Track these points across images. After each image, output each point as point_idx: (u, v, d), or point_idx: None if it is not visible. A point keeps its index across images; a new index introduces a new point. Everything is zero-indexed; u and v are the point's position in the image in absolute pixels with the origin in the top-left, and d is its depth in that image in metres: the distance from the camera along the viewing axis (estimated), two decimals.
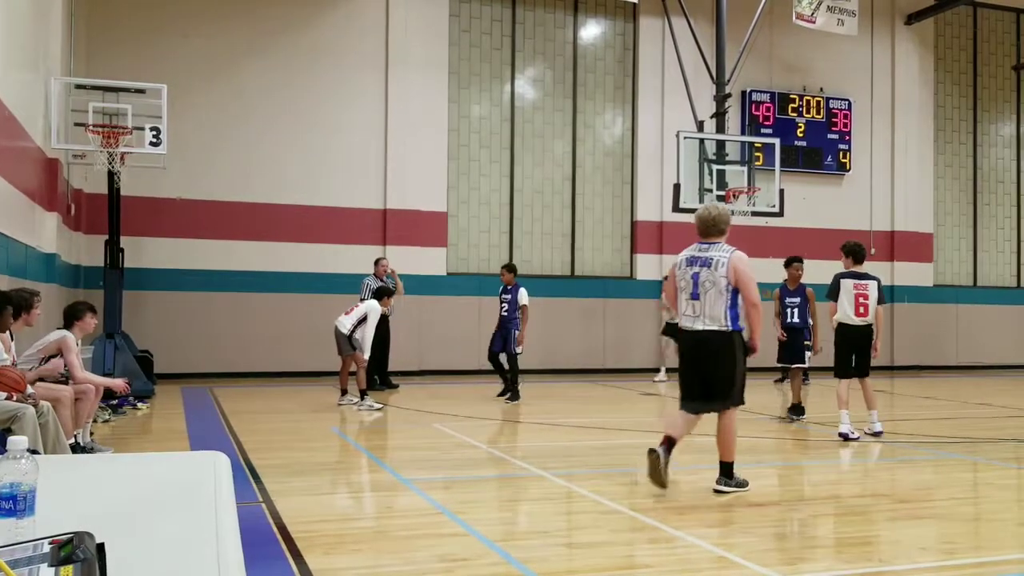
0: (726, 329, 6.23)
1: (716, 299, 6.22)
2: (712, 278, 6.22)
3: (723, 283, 6.19)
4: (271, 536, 5.03)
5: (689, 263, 6.40)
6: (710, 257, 6.29)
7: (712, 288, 6.21)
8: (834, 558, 4.84)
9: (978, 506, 6.44)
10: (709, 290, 6.22)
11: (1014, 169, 22.28)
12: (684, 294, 6.39)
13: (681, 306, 6.43)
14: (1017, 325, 21.48)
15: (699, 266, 6.31)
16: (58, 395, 6.84)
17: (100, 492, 2.02)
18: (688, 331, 6.39)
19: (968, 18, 21.84)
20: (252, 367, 15.79)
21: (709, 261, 6.28)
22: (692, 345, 6.40)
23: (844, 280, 9.12)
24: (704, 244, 6.43)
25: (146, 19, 15.58)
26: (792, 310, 11.14)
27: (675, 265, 6.56)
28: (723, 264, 6.22)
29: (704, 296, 6.23)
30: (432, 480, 6.84)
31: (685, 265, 6.42)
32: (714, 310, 6.23)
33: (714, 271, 6.23)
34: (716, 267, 6.23)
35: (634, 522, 5.54)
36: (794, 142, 19.42)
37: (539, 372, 16.62)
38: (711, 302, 6.23)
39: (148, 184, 14.60)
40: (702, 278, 6.25)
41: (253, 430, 9.43)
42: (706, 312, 6.26)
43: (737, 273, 6.19)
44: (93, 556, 1.38)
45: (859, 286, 9.00)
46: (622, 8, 18.67)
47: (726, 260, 6.23)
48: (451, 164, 17.60)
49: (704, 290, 6.23)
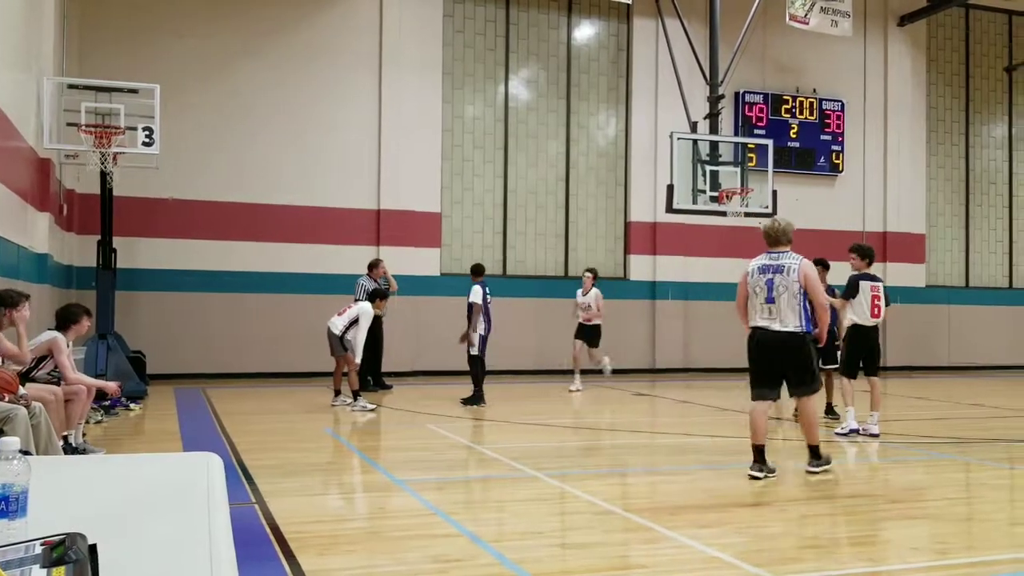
0: (800, 330, 6.91)
1: (790, 302, 6.90)
2: (786, 283, 6.91)
3: (796, 287, 6.89)
4: (264, 537, 5.02)
5: (762, 271, 7.07)
6: (782, 264, 6.97)
7: (786, 292, 6.90)
8: (827, 558, 4.85)
9: (970, 506, 6.46)
10: (783, 294, 6.91)
11: (1006, 170, 22.37)
12: (758, 299, 7.04)
13: (756, 309, 7.07)
14: (1009, 326, 21.56)
15: (772, 273, 6.98)
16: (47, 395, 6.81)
17: (92, 493, 2.02)
18: (765, 331, 7.00)
19: (960, 20, 21.92)
20: (245, 368, 15.77)
21: (782, 268, 6.96)
22: (769, 344, 7.00)
23: (862, 282, 9.27)
24: (774, 253, 7.10)
25: (139, 19, 15.54)
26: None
27: (747, 273, 7.19)
28: (795, 270, 6.90)
29: (779, 300, 6.92)
30: (425, 481, 6.84)
31: (758, 273, 7.09)
32: (790, 313, 6.91)
33: (787, 276, 6.91)
34: (789, 273, 6.91)
35: (627, 522, 5.55)
36: (787, 143, 19.47)
37: (532, 373, 16.63)
38: (785, 305, 6.91)
39: (141, 184, 14.56)
40: (776, 283, 6.94)
41: (246, 431, 9.41)
42: (782, 314, 6.93)
43: (807, 278, 6.89)
44: (85, 557, 1.38)
45: (874, 288, 9.23)
46: (616, 9, 18.69)
47: (797, 267, 6.92)
48: (445, 164, 17.60)
49: (778, 294, 6.92)
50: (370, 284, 13.56)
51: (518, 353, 17.09)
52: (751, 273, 7.15)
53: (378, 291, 12.46)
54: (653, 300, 18.68)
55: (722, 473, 7.56)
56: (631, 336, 18.52)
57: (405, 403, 12.46)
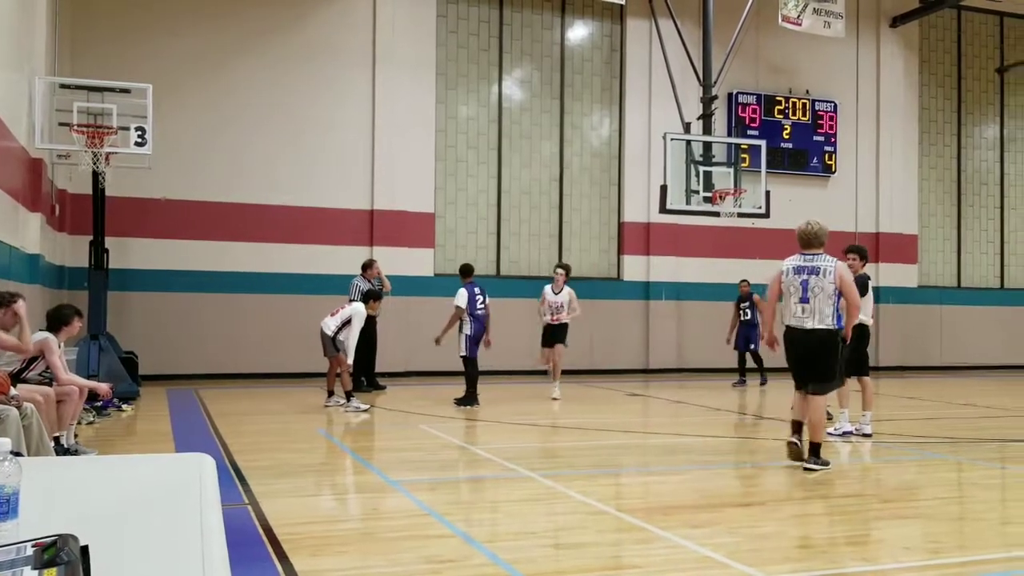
0: (833, 328, 7.33)
1: (825, 302, 7.30)
2: (821, 284, 7.30)
3: (831, 288, 7.29)
4: (257, 538, 5.01)
5: (796, 271, 7.45)
6: (817, 266, 7.37)
7: (821, 293, 7.30)
8: (819, 558, 4.86)
9: (962, 505, 6.48)
10: (818, 295, 7.31)
11: (997, 171, 22.45)
12: (793, 298, 7.44)
13: (790, 308, 7.47)
14: (1000, 326, 21.64)
15: (807, 274, 7.38)
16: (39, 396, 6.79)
17: (84, 494, 2.01)
18: (799, 329, 7.41)
19: (952, 21, 21.99)
20: (238, 368, 15.74)
21: (817, 269, 7.35)
22: (802, 341, 7.42)
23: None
24: (808, 255, 7.48)
25: (131, 18, 15.50)
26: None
27: (781, 272, 7.57)
28: (830, 272, 7.31)
29: (814, 299, 7.33)
30: (418, 481, 6.83)
31: (792, 273, 7.47)
32: (823, 311, 7.31)
33: (822, 278, 7.30)
34: (824, 274, 7.31)
35: (620, 523, 5.55)
36: (780, 144, 19.51)
37: (526, 373, 16.63)
38: (820, 304, 7.31)
39: (133, 184, 14.52)
40: (811, 284, 7.34)
41: (239, 432, 9.40)
42: (816, 313, 7.32)
43: (842, 280, 7.32)
44: (77, 559, 1.37)
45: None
46: (609, 9, 18.71)
47: (832, 268, 7.34)
48: (438, 165, 17.59)
49: (814, 294, 7.32)
50: (364, 285, 13.53)
51: (512, 354, 17.06)
52: (786, 273, 7.51)
53: (372, 292, 12.45)
54: (647, 300, 18.70)
55: (715, 473, 7.58)
56: (625, 336, 18.54)
57: (398, 404, 12.45)
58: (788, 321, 7.50)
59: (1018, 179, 22.70)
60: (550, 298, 13.14)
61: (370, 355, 13.84)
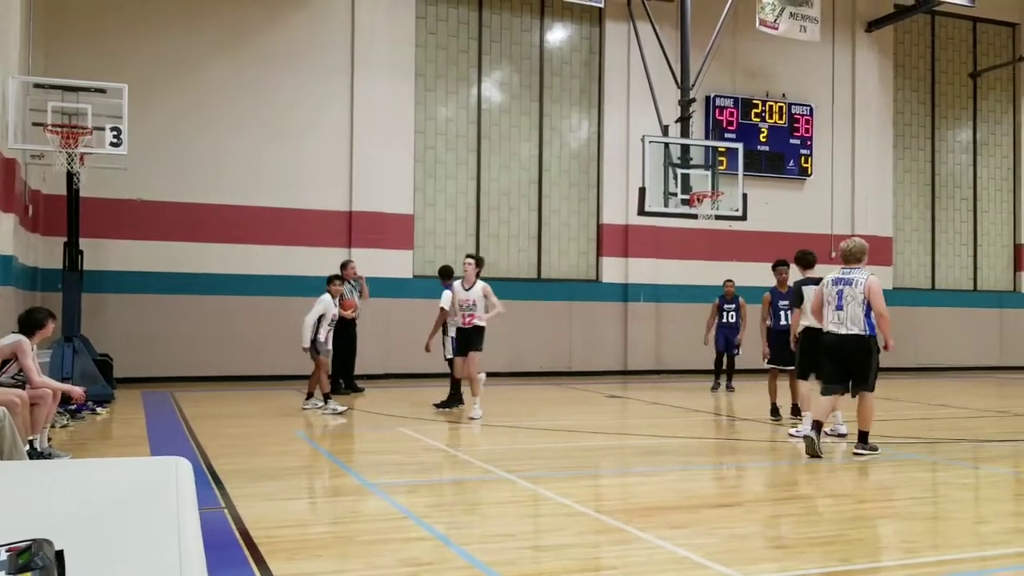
0: (865, 333, 8.14)
1: (856, 310, 8.14)
2: (853, 294, 8.17)
3: (860, 298, 8.13)
4: (234, 542, 4.98)
5: (835, 283, 8.35)
6: (852, 278, 8.27)
7: (852, 301, 8.16)
8: (796, 558, 4.89)
9: (937, 506, 6.54)
10: (851, 303, 8.16)
11: (971, 174, 22.71)
12: (830, 307, 8.32)
13: (828, 315, 8.35)
14: (974, 327, 21.88)
15: (843, 285, 8.27)
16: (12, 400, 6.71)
17: (59, 499, 1.99)
18: (835, 334, 8.27)
19: (926, 26, 22.23)
20: (214, 371, 15.63)
21: (851, 281, 8.25)
22: (837, 345, 8.27)
23: (804, 287, 9.65)
24: (846, 269, 8.39)
25: (107, 19, 15.38)
26: (785, 312, 10.87)
27: (823, 284, 8.54)
28: (861, 283, 8.18)
29: (847, 307, 8.18)
30: (397, 484, 6.81)
31: (832, 284, 8.37)
32: (855, 318, 8.15)
33: (855, 288, 8.17)
34: (856, 286, 8.19)
35: (599, 524, 5.57)
36: (757, 147, 19.63)
37: (505, 375, 16.63)
38: (852, 312, 8.15)
39: (108, 185, 14.40)
40: (845, 294, 8.21)
41: (216, 435, 9.33)
42: (849, 320, 8.17)
43: (870, 291, 8.13)
44: (52, 563, 1.36)
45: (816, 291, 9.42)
46: (588, 12, 18.76)
47: (863, 280, 8.20)
48: (417, 166, 17.57)
49: (847, 303, 8.18)
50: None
51: (491, 355, 17.02)
52: (827, 284, 8.44)
53: (332, 275, 12.35)
54: (625, 302, 18.75)
55: (693, 474, 7.61)
56: (603, 338, 18.58)
57: (377, 406, 12.41)
58: (826, 327, 8.39)
59: (991, 182, 22.97)
60: (460, 295, 11.22)
61: (349, 357, 13.79)
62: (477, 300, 11.15)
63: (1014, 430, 10.70)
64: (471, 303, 11.16)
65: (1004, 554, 5.11)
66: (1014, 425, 11.09)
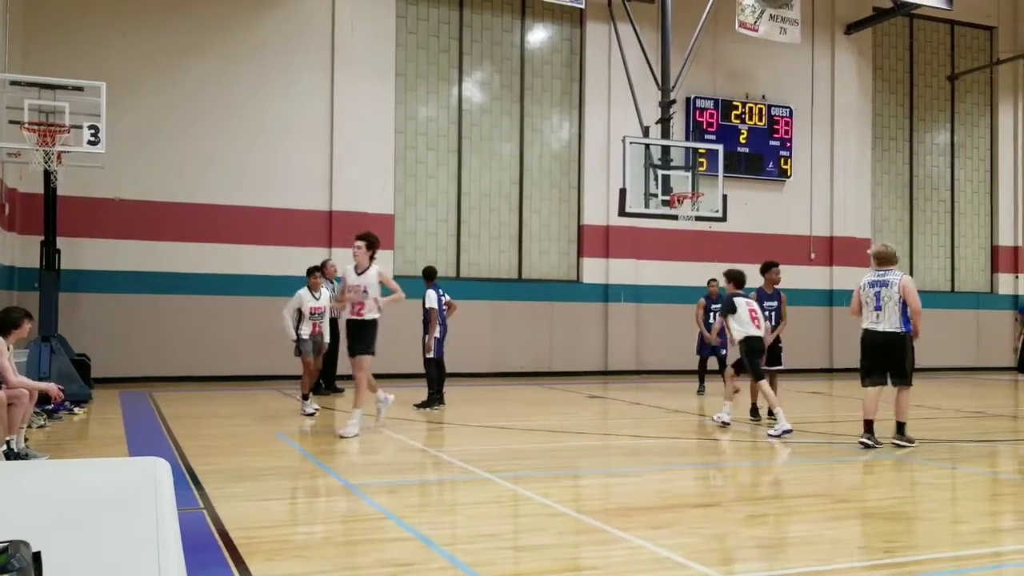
0: (901, 331, 8.81)
1: (893, 309, 8.80)
2: (890, 294, 8.82)
3: (897, 297, 8.78)
4: (213, 543, 4.95)
5: (871, 285, 8.99)
6: (887, 280, 8.91)
7: (890, 301, 8.82)
8: (776, 557, 4.92)
9: (915, 505, 6.59)
10: (887, 303, 8.83)
11: (948, 177, 22.92)
12: (868, 307, 8.97)
13: (866, 315, 8.99)
14: (951, 329, 22.06)
15: (880, 287, 8.91)
16: None
17: (36, 500, 1.97)
18: (874, 331, 8.92)
19: (905, 29, 22.42)
20: (193, 371, 15.53)
21: (887, 283, 8.89)
22: (878, 341, 8.92)
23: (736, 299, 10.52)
24: (881, 271, 9.01)
25: (84, 16, 15.26)
26: (770, 313, 11.19)
27: (859, 287, 9.13)
28: (896, 284, 8.82)
29: (885, 307, 8.84)
30: (377, 484, 6.79)
31: (868, 287, 9.01)
32: (892, 317, 8.81)
33: (891, 290, 8.82)
34: (892, 287, 8.84)
35: (580, 524, 5.57)
36: (737, 148, 19.73)
37: (486, 376, 16.62)
38: (890, 312, 8.82)
39: (86, 184, 14.29)
40: (882, 295, 8.86)
41: (194, 435, 9.27)
42: (886, 319, 8.83)
43: (905, 291, 8.78)
44: (29, 565, 1.34)
45: (748, 303, 10.54)
46: (568, 13, 18.79)
47: (898, 281, 8.84)
48: (398, 166, 17.53)
49: (884, 303, 8.85)
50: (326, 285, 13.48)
51: (473, 356, 17.07)
52: (863, 287, 9.07)
53: (312, 267, 12.25)
54: (606, 303, 18.80)
55: (674, 474, 7.64)
56: (584, 339, 18.62)
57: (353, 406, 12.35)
58: (865, 325, 9.01)
59: (968, 184, 23.20)
60: (351, 280, 9.63)
61: (332, 358, 13.74)
62: (370, 287, 9.52)
63: (990, 431, 10.81)
64: (362, 290, 9.54)
65: (980, 554, 5.16)
66: (990, 426, 11.20)
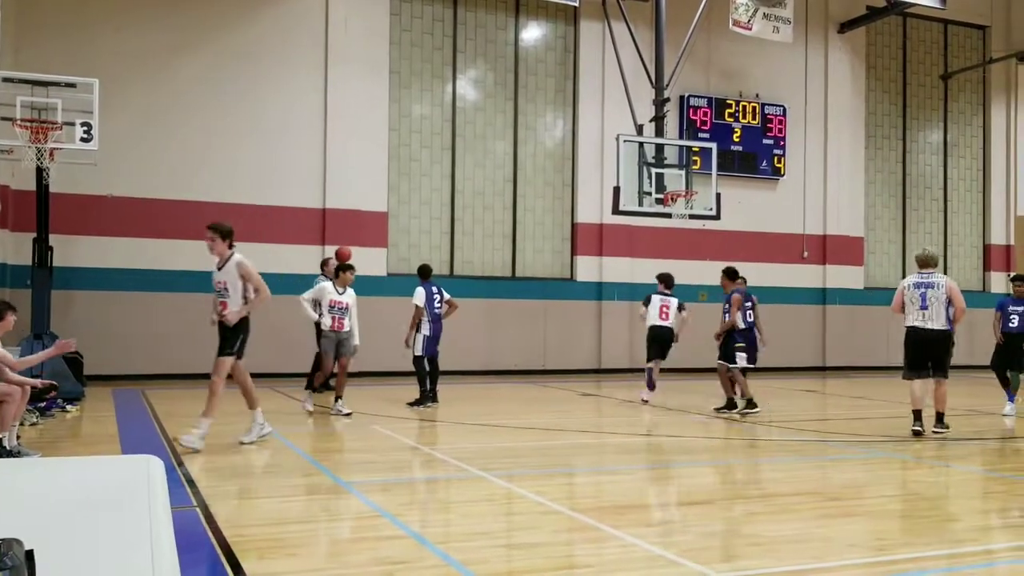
0: (946, 328, 9.55)
1: (939, 309, 9.53)
2: (936, 295, 9.54)
3: (943, 298, 9.51)
4: (206, 541, 4.94)
5: (916, 286, 9.68)
6: (933, 282, 9.63)
7: (936, 302, 9.53)
8: (768, 555, 4.93)
9: (907, 503, 6.62)
10: (933, 303, 9.54)
11: (941, 175, 22.98)
12: (914, 306, 9.66)
13: (912, 313, 9.67)
14: None
15: (925, 288, 9.61)
16: None
17: (28, 498, 1.96)
18: (919, 329, 9.62)
19: (898, 28, 22.46)
20: (186, 369, 15.48)
21: (933, 284, 9.61)
22: (924, 338, 9.61)
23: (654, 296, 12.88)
24: (924, 273, 9.72)
25: (78, 13, 15.20)
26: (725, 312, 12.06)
27: (903, 287, 9.84)
28: (942, 286, 9.55)
29: (931, 307, 9.55)
30: (371, 482, 6.79)
31: (913, 287, 9.70)
32: (939, 315, 9.54)
33: (937, 291, 9.55)
34: (938, 288, 9.56)
35: (573, 522, 5.58)
36: (730, 147, 19.75)
37: (480, 374, 16.62)
38: (936, 311, 9.54)
39: (78, 181, 14.24)
40: (928, 296, 9.57)
41: (187, 433, 9.24)
42: (933, 317, 9.54)
43: (952, 292, 9.54)
44: (22, 563, 1.34)
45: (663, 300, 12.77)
46: (562, 11, 18.78)
47: (944, 283, 9.60)
48: (391, 164, 17.51)
49: (930, 303, 9.55)
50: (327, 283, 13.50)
51: (466, 354, 17.06)
52: (908, 288, 9.76)
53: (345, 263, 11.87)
54: (599, 301, 18.81)
55: (667, 472, 7.65)
56: (577, 336, 18.63)
57: (350, 404, 12.34)
58: (911, 323, 9.68)
59: (960, 183, 23.26)
60: (216, 276, 8.71)
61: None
62: (230, 282, 8.55)
63: (982, 428, 10.85)
64: (222, 287, 8.60)
65: (973, 551, 5.18)
66: (982, 424, 11.24)
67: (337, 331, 11.26)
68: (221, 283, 8.59)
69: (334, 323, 11.24)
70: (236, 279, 8.50)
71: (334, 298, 11.30)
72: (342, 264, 11.76)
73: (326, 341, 11.32)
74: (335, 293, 11.33)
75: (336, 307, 11.29)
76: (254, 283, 8.60)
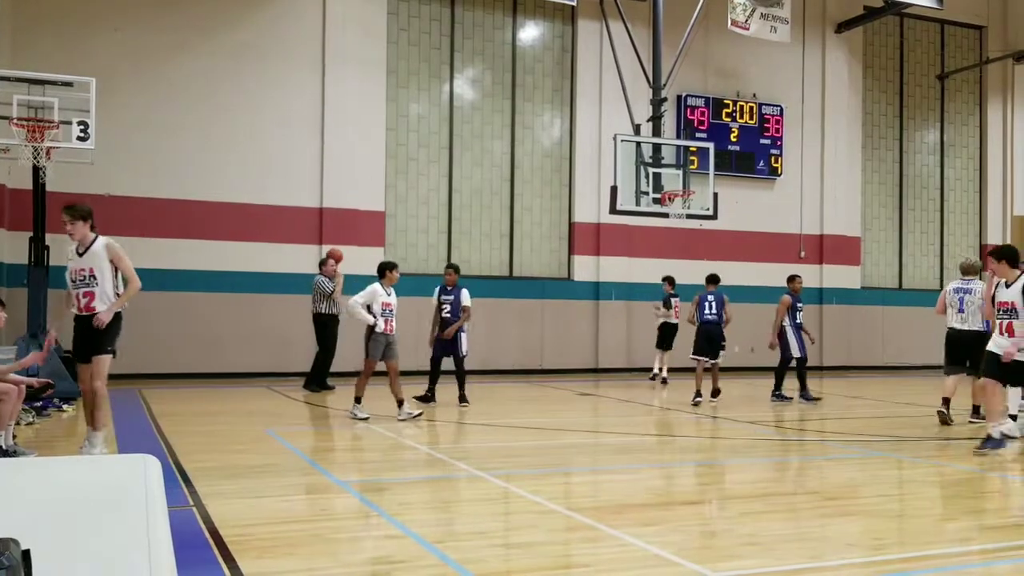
0: (983, 330, 10.25)
1: (975, 312, 10.51)
2: (972, 300, 10.55)
3: (979, 302, 10.41)
4: (203, 540, 4.93)
5: (956, 291, 10.75)
6: (971, 288, 10.66)
7: (972, 306, 10.55)
8: (766, 555, 4.93)
9: (904, 502, 6.62)
10: (970, 307, 10.56)
11: (938, 175, 23.01)
12: (954, 310, 10.71)
13: (951, 316, 10.72)
14: (941, 327, 22.05)
15: (964, 293, 10.67)
16: None
17: (25, 497, 1.96)
18: (960, 330, 10.64)
19: (895, 28, 22.49)
20: (183, 368, 15.48)
21: (970, 290, 10.65)
22: (960, 339, 10.62)
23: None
24: (964, 279, 10.77)
25: (75, 12, 15.17)
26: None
27: (945, 291, 10.94)
28: (979, 292, 10.46)
29: (967, 310, 10.59)
30: (368, 482, 6.79)
31: (953, 293, 10.77)
32: (975, 319, 10.51)
33: (974, 296, 10.55)
34: (974, 294, 10.54)
35: (570, 522, 5.57)
36: (728, 147, 19.76)
37: (478, 373, 16.61)
38: (972, 314, 10.54)
39: (75, 180, 14.19)
40: (966, 301, 10.61)
41: (184, 432, 9.25)
42: (970, 320, 10.54)
43: (986, 297, 9.84)
44: (18, 563, 1.34)
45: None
46: (560, 11, 18.78)
47: (980, 290, 10.43)
48: (389, 163, 17.50)
49: (968, 307, 10.59)
50: (326, 282, 13.52)
51: None
52: (948, 293, 10.83)
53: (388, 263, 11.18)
54: (597, 300, 18.81)
55: (664, 472, 7.65)
56: (575, 336, 18.62)
57: (348, 404, 12.34)
58: (951, 325, 10.69)
59: (957, 183, 23.29)
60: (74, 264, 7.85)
61: (326, 354, 13.74)
62: (97, 269, 7.70)
63: (978, 429, 10.85)
64: (86, 275, 7.71)
65: (969, 551, 5.19)
66: (980, 423, 11.23)
67: (388, 333, 10.66)
68: (85, 271, 7.60)
69: (386, 325, 10.65)
70: (104, 264, 7.62)
71: (385, 300, 10.68)
72: (387, 263, 11.08)
73: (375, 345, 10.62)
74: (385, 295, 10.71)
75: (387, 309, 10.70)
76: (125, 269, 7.73)
